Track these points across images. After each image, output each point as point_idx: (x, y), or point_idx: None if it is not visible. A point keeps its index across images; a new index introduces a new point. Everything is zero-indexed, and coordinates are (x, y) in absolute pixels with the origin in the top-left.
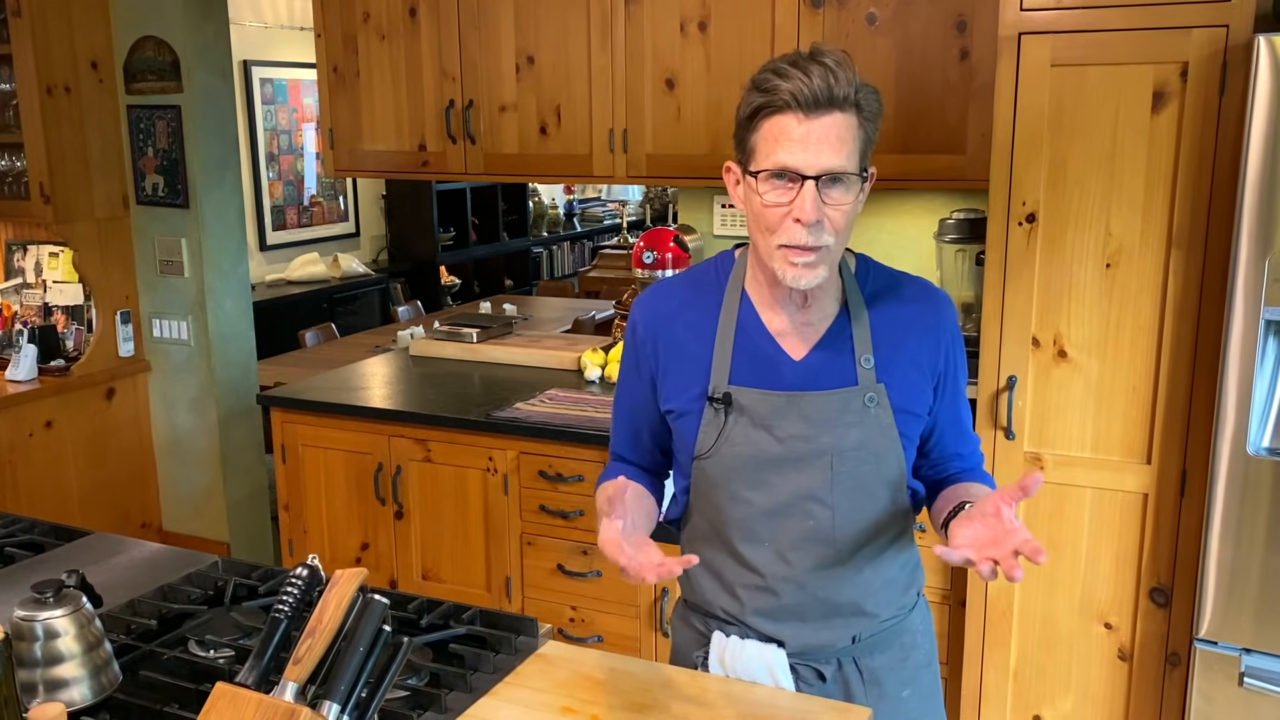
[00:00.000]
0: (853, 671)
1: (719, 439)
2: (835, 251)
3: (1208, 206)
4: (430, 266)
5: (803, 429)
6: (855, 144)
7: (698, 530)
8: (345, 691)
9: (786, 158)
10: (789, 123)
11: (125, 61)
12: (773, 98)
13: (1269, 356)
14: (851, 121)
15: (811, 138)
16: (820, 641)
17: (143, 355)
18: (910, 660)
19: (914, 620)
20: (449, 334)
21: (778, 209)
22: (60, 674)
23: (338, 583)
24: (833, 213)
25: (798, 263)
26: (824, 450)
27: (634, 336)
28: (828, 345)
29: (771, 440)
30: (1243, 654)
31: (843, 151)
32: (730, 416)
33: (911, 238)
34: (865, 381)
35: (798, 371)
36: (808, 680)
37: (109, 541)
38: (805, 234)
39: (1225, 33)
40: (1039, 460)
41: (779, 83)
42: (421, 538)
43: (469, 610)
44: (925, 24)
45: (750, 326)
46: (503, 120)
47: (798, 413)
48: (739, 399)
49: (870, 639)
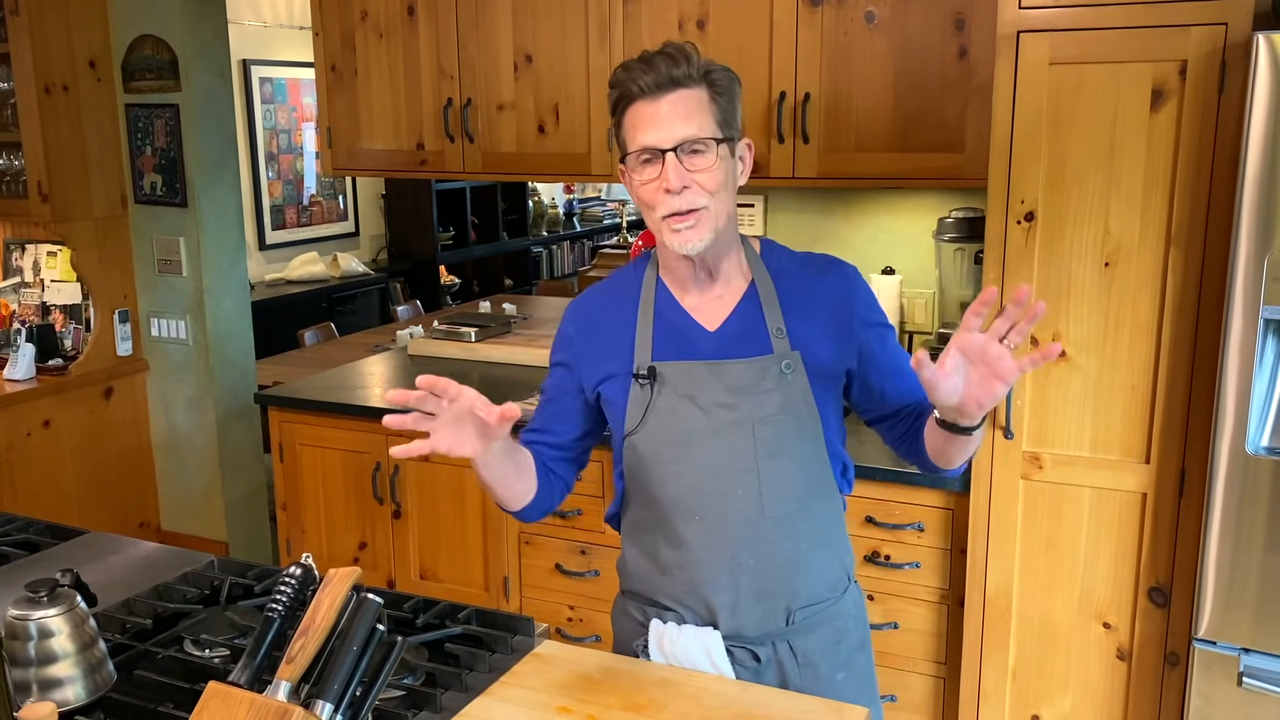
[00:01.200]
0: (786, 654)
1: (646, 413)
2: (716, 213)
3: (1207, 205)
4: (430, 266)
5: (724, 397)
6: (707, 114)
7: (634, 517)
8: (338, 691)
9: (644, 138)
10: (640, 108)
11: (123, 60)
12: (623, 90)
13: (1268, 355)
14: (701, 95)
15: (661, 115)
16: (754, 621)
17: (141, 354)
18: (844, 643)
19: (846, 604)
20: (447, 333)
21: (650, 185)
22: (54, 673)
23: (331, 582)
24: (700, 177)
25: (679, 228)
26: (745, 418)
27: (565, 336)
28: (740, 317)
29: (695, 410)
30: (1241, 654)
31: (693, 121)
32: (655, 389)
33: (910, 236)
34: (780, 349)
35: (713, 341)
36: (743, 662)
37: (105, 541)
38: (676, 200)
39: (1224, 31)
40: (1038, 460)
41: (624, 76)
42: (419, 537)
43: (465, 610)
44: (924, 22)
45: (666, 307)
46: (501, 119)
47: (718, 381)
48: (662, 371)
49: (803, 621)
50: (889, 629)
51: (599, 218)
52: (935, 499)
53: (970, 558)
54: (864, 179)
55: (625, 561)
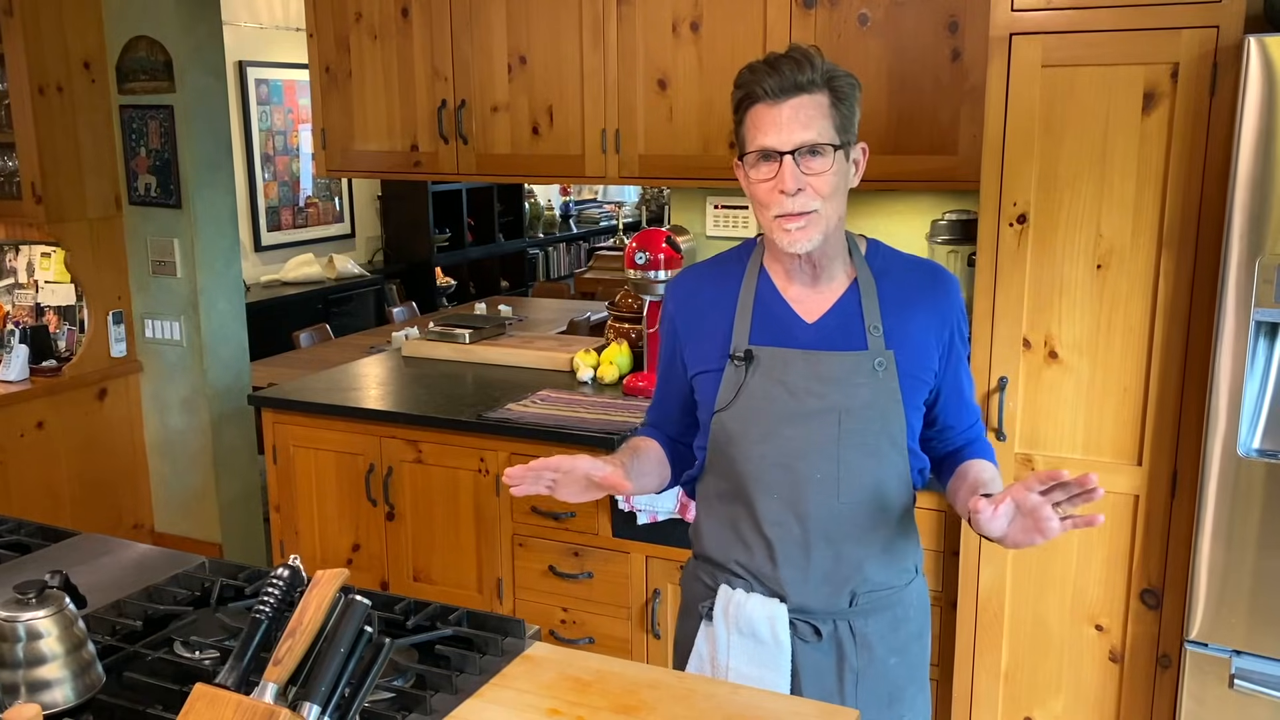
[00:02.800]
0: (846, 633)
1: (739, 393)
2: (827, 216)
3: (1198, 207)
4: (426, 267)
5: (815, 385)
6: (827, 120)
7: (712, 485)
8: (326, 693)
9: (764, 139)
10: (762, 110)
11: (118, 61)
12: (747, 91)
13: (1259, 358)
14: (821, 101)
15: (783, 119)
16: (820, 598)
17: (135, 356)
18: (902, 630)
19: (910, 593)
20: (441, 335)
21: (765, 184)
22: (43, 675)
23: (319, 583)
24: (814, 180)
25: (790, 229)
26: (833, 407)
27: (665, 313)
28: (839, 313)
29: (786, 394)
30: (1233, 655)
31: (813, 127)
32: (749, 371)
33: (903, 239)
34: (875, 347)
35: (810, 333)
36: (804, 636)
37: (96, 542)
38: (790, 202)
39: (1215, 33)
40: (1030, 461)
41: (749, 78)
42: (413, 539)
43: (456, 611)
44: (917, 25)
45: (767, 296)
46: (495, 120)
47: (811, 370)
48: (758, 355)
49: (867, 603)
50: None
51: (595, 219)
52: (928, 501)
53: (963, 560)
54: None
55: (700, 528)
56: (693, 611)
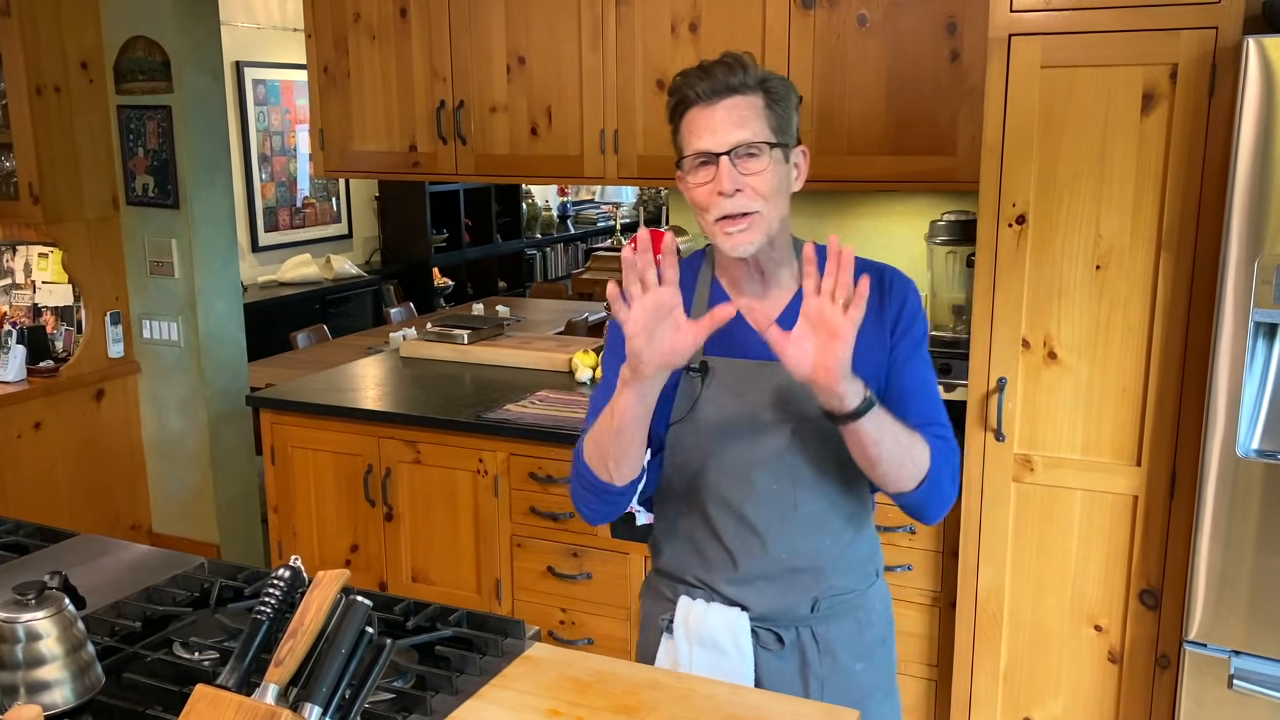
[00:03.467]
0: (809, 639)
1: (695, 405)
2: (768, 217)
3: (1197, 208)
4: (423, 268)
5: (768, 397)
6: (762, 120)
7: (670, 499)
8: (327, 694)
9: (699, 142)
10: (696, 113)
11: (115, 61)
12: (681, 96)
13: (1258, 358)
14: (755, 102)
15: (717, 121)
16: (782, 606)
17: (132, 356)
18: (865, 635)
19: (872, 597)
20: (439, 335)
21: (704, 188)
22: (42, 676)
23: (320, 584)
24: (752, 180)
25: (731, 231)
26: (788, 418)
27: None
28: (787, 321)
29: (741, 406)
30: (1232, 656)
31: (747, 127)
32: (705, 382)
33: (902, 239)
34: None
35: (762, 343)
36: (767, 645)
37: (94, 543)
38: (729, 204)
39: (1214, 34)
40: (1029, 462)
41: (682, 83)
42: (411, 539)
43: (456, 612)
44: (916, 25)
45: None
46: (493, 121)
47: (765, 381)
48: (714, 366)
49: (828, 608)
50: None
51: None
52: None
53: (962, 560)
54: (856, 182)
55: (659, 541)
56: (653, 625)
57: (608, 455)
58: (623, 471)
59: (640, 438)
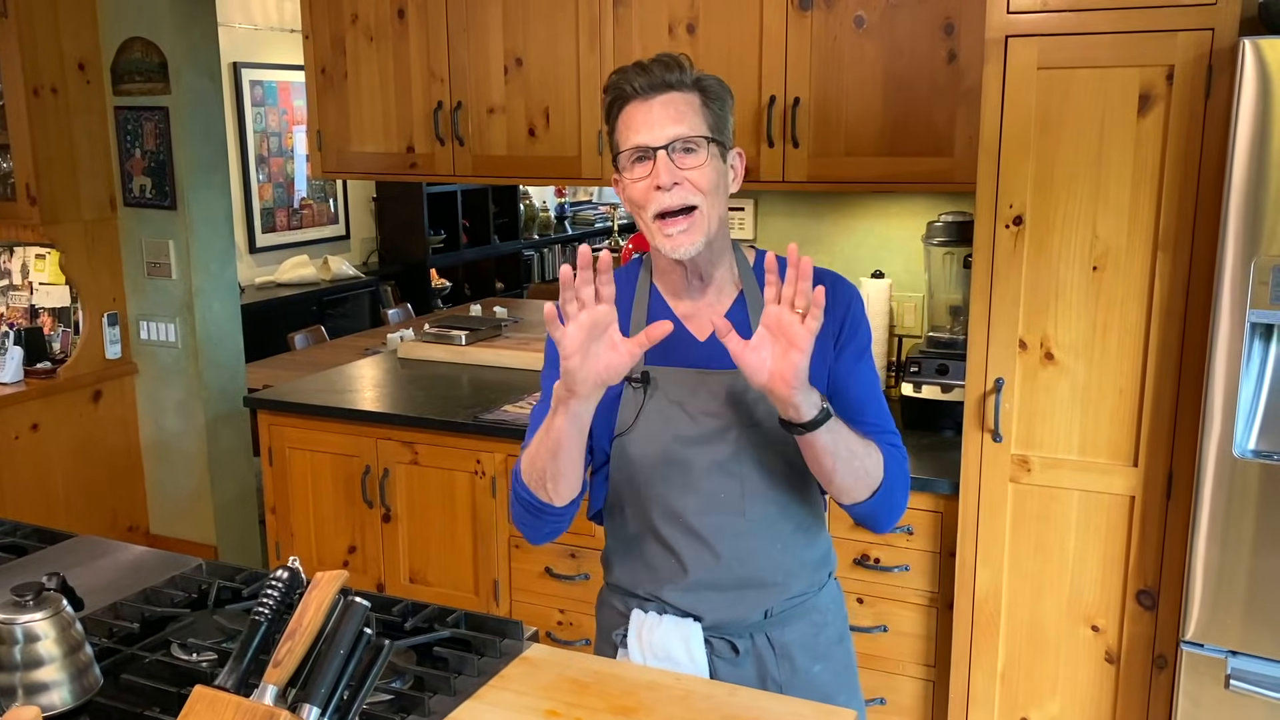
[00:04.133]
0: (765, 645)
1: (638, 416)
2: (708, 216)
3: (1194, 209)
4: (421, 269)
5: (711, 405)
6: (700, 117)
7: (618, 513)
8: (325, 694)
9: (636, 137)
10: (633, 109)
11: (112, 62)
12: (617, 93)
13: (1255, 359)
14: (692, 99)
15: (654, 115)
16: (734, 615)
17: (130, 358)
18: (822, 636)
19: (824, 598)
20: (437, 336)
21: (641, 183)
22: (40, 677)
23: (318, 585)
24: (690, 175)
25: (672, 232)
26: (731, 425)
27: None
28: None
29: (684, 416)
30: (1229, 656)
31: (685, 121)
32: (647, 394)
33: (899, 240)
34: None
35: (702, 351)
36: (721, 654)
37: (92, 544)
38: (667, 198)
39: (1210, 36)
40: (1026, 463)
41: (619, 79)
42: (409, 540)
43: (454, 613)
44: (913, 26)
45: (659, 313)
46: (491, 122)
47: (707, 389)
48: (655, 376)
49: (781, 614)
50: (878, 632)
51: (590, 221)
52: (924, 502)
53: (959, 561)
54: (853, 183)
55: (609, 555)
56: (607, 640)
57: (545, 475)
58: (561, 491)
59: (578, 456)
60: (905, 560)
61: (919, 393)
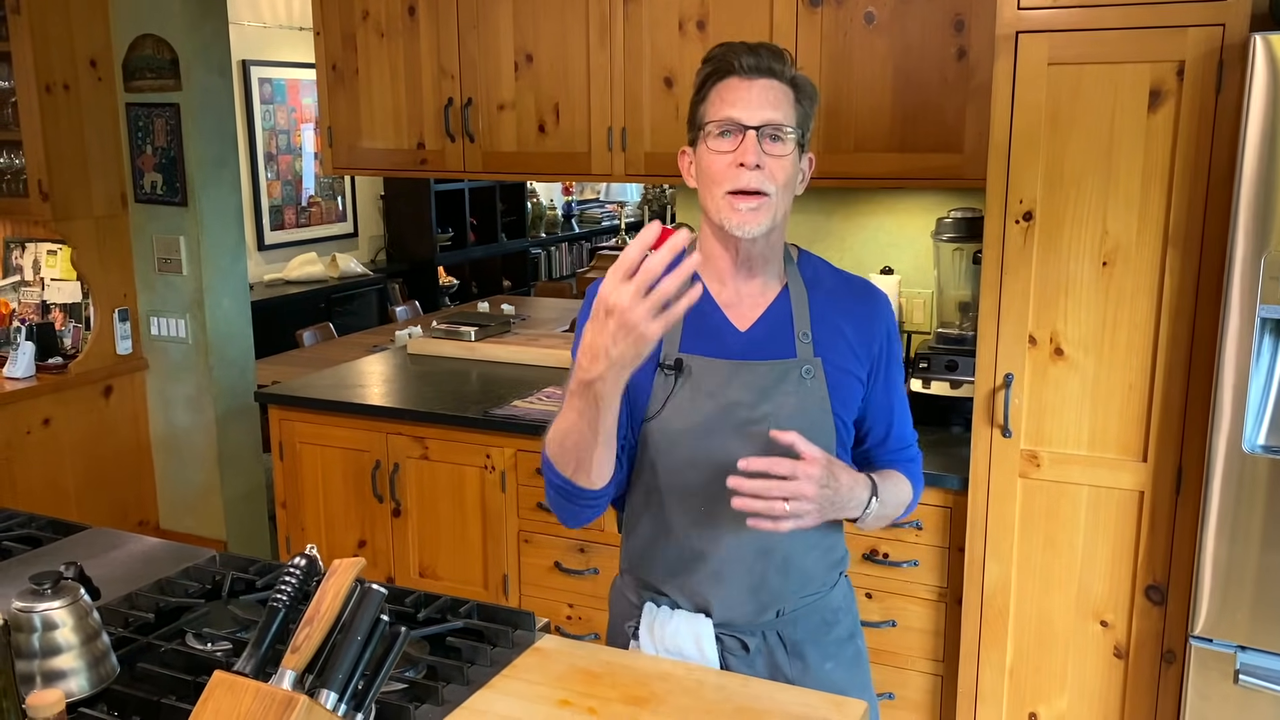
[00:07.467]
0: (776, 643)
1: (667, 402)
2: (777, 204)
3: (1204, 205)
4: (428, 267)
5: (744, 396)
6: (792, 111)
7: (639, 499)
8: (343, 680)
9: (731, 111)
10: (733, 82)
11: (124, 59)
12: (720, 64)
13: (1264, 354)
14: (789, 92)
15: (753, 95)
16: (746, 613)
17: (140, 353)
18: (833, 633)
19: (835, 596)
20: (447, 332)
21: (724, 156)
22: (58, 665)
23: (335, 572)
24: (773, 163)
25: (742, 208)
26: (761, 418)
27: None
28: (769, 320)
29: (715, 406)
30: (1238, 651)
31: (780, 110)
32: (679, 381)
33: (909, 237)
34: (803, 354)
35: (741, 341)
36: (732, 651)
37: (106, 536)
38: (748, 176)
39: (1221, 32)
40: (1035, 458)
41: (724, 52)
42: (419, 535)
43: (466, 604)
44: (923, 23)
45: (701, 301)
46: (501, 118)
47: (740, 380)
48: (689, 364)
49: (793, 612)
50: (887, 627)
51: (597, 219)
52: (933, 497)
53: (968, 556)
54: (863, 179)
55: (627, 543)
56: (620, 630)
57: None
58: (593, 477)
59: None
60: (914, 555)
61: (928, 389)
